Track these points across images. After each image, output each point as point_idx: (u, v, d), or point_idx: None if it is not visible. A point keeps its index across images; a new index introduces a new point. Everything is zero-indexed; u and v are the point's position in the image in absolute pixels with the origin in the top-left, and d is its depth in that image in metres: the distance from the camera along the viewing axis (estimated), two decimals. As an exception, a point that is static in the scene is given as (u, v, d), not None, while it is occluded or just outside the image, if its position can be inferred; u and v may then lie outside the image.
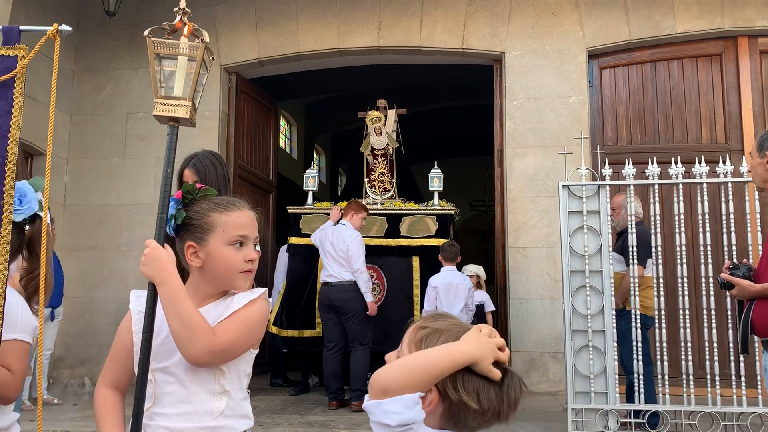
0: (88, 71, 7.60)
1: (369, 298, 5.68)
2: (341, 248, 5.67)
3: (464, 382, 1.08)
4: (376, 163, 7.19)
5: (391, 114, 7.30)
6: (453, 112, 11.85)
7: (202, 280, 1.58)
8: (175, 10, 1.65)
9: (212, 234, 1.54)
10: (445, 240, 6.24)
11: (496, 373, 1.10)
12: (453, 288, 5.49)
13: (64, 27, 1.69)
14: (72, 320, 6.45)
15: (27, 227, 1.73)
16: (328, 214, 6.43)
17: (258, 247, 1.62)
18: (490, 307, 6.33)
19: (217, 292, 1.58)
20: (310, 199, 6.93)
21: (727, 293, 2.55)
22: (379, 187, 7.13)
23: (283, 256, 6.85)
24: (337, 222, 6.06)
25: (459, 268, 6.32)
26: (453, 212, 6.72)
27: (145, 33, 1.59)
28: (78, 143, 7.46)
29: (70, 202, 7.32)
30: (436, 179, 6.82)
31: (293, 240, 6.65)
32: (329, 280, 5.71)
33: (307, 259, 6.51)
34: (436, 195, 6.78)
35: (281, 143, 11.47)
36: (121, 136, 7.42)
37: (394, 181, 7.16)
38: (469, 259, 7.36)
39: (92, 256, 6.86)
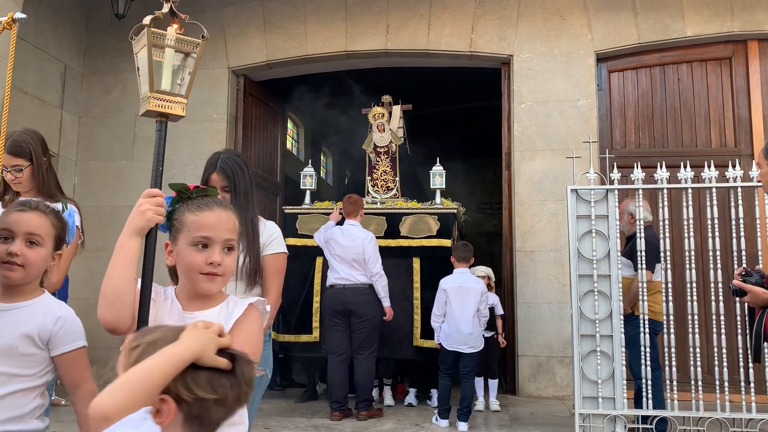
0: (97, 73, 7.64)
1: (387, 303, 5.41)
2: (355, 251, 5.37)
3: (195, 379, 1.07)
4: (378, 161, 6.94)
5: (396, 110, 7.05)
6: (460, 115, 11.82)
7: (182, 280, 1.58)
8: None
9: (181, 233, 1.53)
10: (448, 240, 6.04)
11: (223, 361, 1.09)
12: (464, 291, 5.10)
13: (19, 15, 1.67)
14: (79, 321, 6.46)
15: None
16: (327, 214, 6.19)
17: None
18: (500, 310, 6.07)
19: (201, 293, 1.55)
20: (307, 199, 6.71)
21: (737, 300, 2.51)
22: (381, 186, 6.89)
23: None
24: (338, 222, 5.83)
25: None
26: (455, 211, 6.43)
27: (145, 21, 1.52)
28: (86, 145, 7.50)
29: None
30: (437, 177, 6.50)
31: (290, 241, 6.31)
32: (340, 283, 5.40)
33: (303, 261, 6.20)
34: (438, 193, 6.48)
35: (288, 145, 11.49)
36: (129, 138, 7.45)
37: (397, 179, 6.89)
38: (476, 262, 7.29)
39: (100, 258, 6.84)
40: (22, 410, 1.71)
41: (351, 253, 5.39)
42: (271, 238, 2.61)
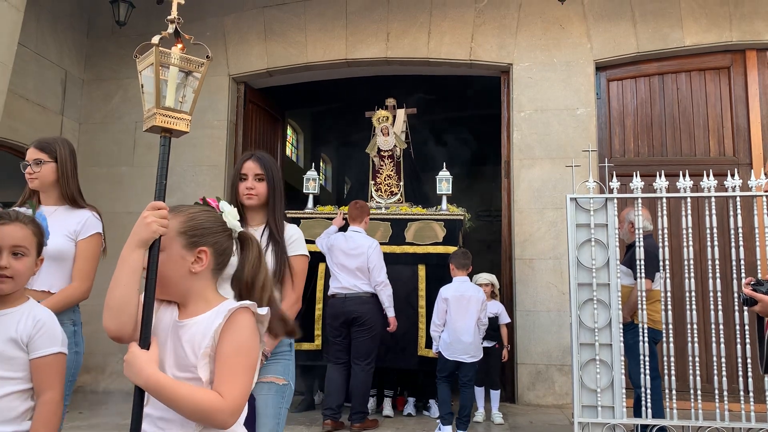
0: (98, 80, 7.66)
1: (391, 313, 5.28)
2: (359, 259, 5.22)
3: None
4: (382, 165, 6.80)
5: (400, 114, 6.95)
6: (460, 123, 11.85)
7: None
8: (167, 18, 1.64)
9: None
10: (454, 247, 5.89)
11: None
12: (465, 300, 5.02)
13: None
14: (78, 328, 6.45)
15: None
16: (330, 219, 6.07)
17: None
18: (505, 319, 5.93)
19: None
20: (310, 203, 6.56)
21: (746, 309, 2.49)
22: (385, 191, 6.75)
23: None
24: (341, 228, 5.72)
25: (470, 276, 6.11)
26: (462, 217, 6.30)
27: (154, 40, 1.57)
28: (87, 151, 7.50)
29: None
30: (444, 182, 6.35)
31: None
32: (342, 292, 5.25)
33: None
34: (444, 199, 6.32)
35: (288, 152, 11.51)
36: (129, 145, 7.46)
37: (401, 184, 6.74)
38: (475, 270, 7.26)
39: (100, 264, 6.88)
40: (16, 412, 1.78)
41: (355, 261, 5.25)
42: (291, 239, 2.52)
